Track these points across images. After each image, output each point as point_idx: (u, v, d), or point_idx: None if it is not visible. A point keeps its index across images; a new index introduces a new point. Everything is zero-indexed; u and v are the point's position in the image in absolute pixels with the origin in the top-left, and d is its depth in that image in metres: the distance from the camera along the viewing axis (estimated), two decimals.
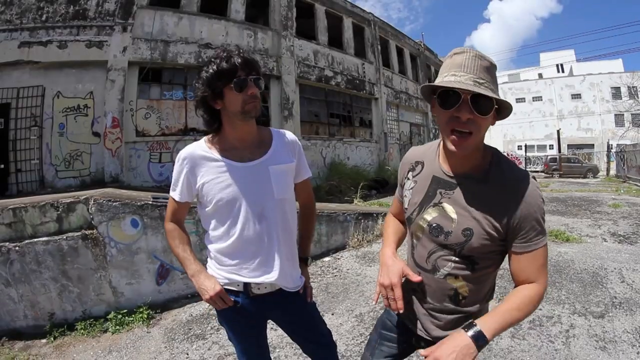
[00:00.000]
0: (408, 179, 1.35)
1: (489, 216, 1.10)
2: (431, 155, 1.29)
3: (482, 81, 1.03)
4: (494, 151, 1.19)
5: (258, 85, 1.45)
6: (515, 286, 1.16)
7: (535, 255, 1.09)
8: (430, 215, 1.21)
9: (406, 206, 1.33)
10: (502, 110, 1.11)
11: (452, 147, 1.09)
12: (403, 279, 1.25)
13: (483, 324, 1.03)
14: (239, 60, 1.40)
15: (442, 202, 1.19)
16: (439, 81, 1.08)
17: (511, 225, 1.09)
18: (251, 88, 1.42)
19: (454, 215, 1.15)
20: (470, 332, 1.02)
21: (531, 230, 1.08)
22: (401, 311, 1.21)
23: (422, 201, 1.25)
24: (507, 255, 1.17)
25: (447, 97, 1.06)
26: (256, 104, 1.45)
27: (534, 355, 2.95)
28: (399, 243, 1.47)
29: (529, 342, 3.14)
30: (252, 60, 1.45)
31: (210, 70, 1.40)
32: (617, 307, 3.71)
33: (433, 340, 1.28)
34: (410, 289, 1.33)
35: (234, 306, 1.53)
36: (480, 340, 1.00)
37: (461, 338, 1.02)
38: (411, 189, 1.31)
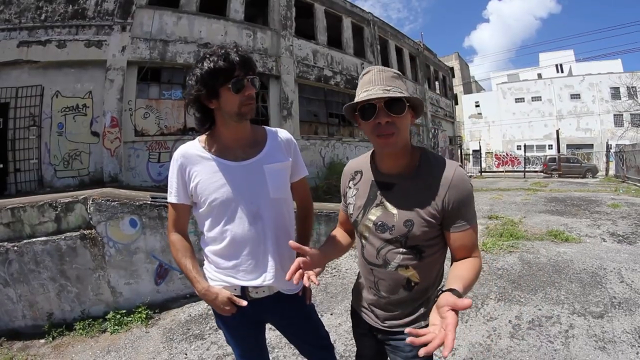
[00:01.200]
0: (350, 187, 1.47)
1: (425, 205, 1.23)
2: (367, 164, 1.43)
3: (389, 88, 1.19)
4: (422, 150, 1.33)
5: (255, 86, 1.43)
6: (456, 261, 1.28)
7: (471, 233, 1.24)
8: (374, 215, 1.33)
9: (351, 212, 1.44)
10: (416, 108, 1.27)
11: (382, 149, 1.27)
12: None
13: (455, 286, 1.08)
14: (237, 59, 1.37)
15: (383, 202, 1.32)
16: (355, 100, 1.24)
17: (446, 209, 1.22)
18: (248, 89, 1.40)
19: (394, 211, 1.28)
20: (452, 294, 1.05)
21: (465, 211, 1.23)
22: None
23: (365, 204, 1.37)
24: (447, 239, 1.29)
25: (366, 110, 1.22)
26: (252, 106, 1.44)
27: (533, 355, 2.95)
28: (330, 249, 1.55)
29: (528, 343, 3.14)
30: (248, 58, 1.42)
31: (206, 68, 1.35)
32: (617, 307, 3.70)
33: (387, 330, 1.41)
34: (367, 287, 1.45)
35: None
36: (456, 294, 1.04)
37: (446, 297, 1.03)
38: (354, 196, 1.43)
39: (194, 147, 1.50)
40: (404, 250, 1.29)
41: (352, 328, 1.64)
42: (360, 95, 1.22)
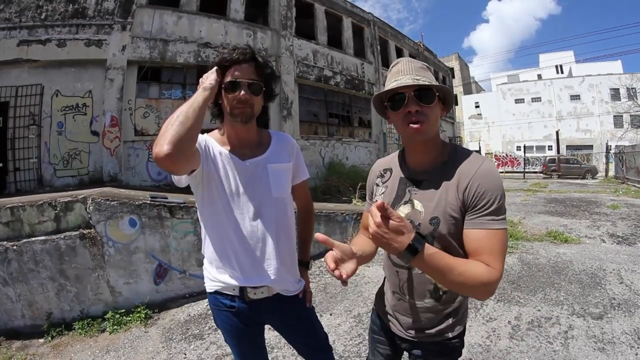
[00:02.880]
0: (378, 185, 1.44)
1: (449, 200, 1.16)
2: (396, 162, 1.39)
3: (419, 77, 1.17)
4: (452, 145, 1.30)
5: (252, 92, 1.42)
6: None
7: (489, 235, 1.08)
8: (402, 212, 1.25)
9: None
10: (447, 100, 1.25)
11: (412, 137, 1.20)
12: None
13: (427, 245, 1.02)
14: (239, 58, 1.40)
15: (411, 199, 1.26)
16: (385, 89, 1.23)
17: (465, 201, 1.13)
18: (241, 93, 1.40)
19: (421, 209, 1.22)
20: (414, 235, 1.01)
21: (487, 206, 1.10)
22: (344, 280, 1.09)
23: (393, 201, 1.32)
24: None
25: (396, 101, 1.19)
26: (244, 110, 1.43)
27: (533, 356, 2.95)
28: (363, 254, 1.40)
29: (527, 343, 3.14)
30: (261, 64, 1.46)
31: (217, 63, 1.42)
32: (616, 308, 3.71)
33: (412, 340, 1.32)
34: (390, 289, 1.39)
35: (230, 310, 1.52)
36: (416, 243, 0.98)
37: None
38: (382, 193, 1.39)
39: (213, 137, 1.54)
40: None
41: (370, 334, 1.57)
42: (390, 85, 1.20)
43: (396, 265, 1.33)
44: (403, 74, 1.19)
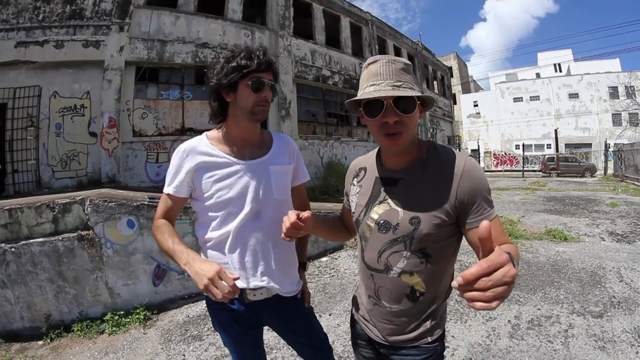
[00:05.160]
0: (353, 184, 1.39)
1: (433, 199, 1.12)
2: (372, 160, 1.34)
3: (399, 83, 1.08)
4: (430, 143, 1.23)
5: (274, 91, 1.47)
6: None
7: (493, 225, 1.02)
8: (376, 213, 1.22)
9: (353, 210, 1.35)
10: (426, 103, 1.17)
11: (388, 149, 1.17)
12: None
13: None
14: (264, 60, 1.42)
15: (386, 199, 1.21)
16: (360, 94, 1.13)
17: (460, 201, 1.09)
18: (266, 91, 1.43)
19: (399, 208, 1.17)
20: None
21: (483, 202, 1.09)
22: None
23: (367, 202, 1.27)
24: (467, 238, 1.14)
25: (372, 107, 1.10)
26: (266, 108, 1.46)
27: (533, 355, 2.94)
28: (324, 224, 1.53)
29: (527, 342, 3.14)
30: (274, 66, 1.48)
31: (233, 62, 1.39)
32: (616, 306, 3.70)
33: (390, 345, 1.28)
34: (367, 295, 1.33)
35: (229, 312, 1.51)
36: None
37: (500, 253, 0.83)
38: (357, 193, 1.34)
39: (202, 143, 1.50)
40: (409, 253, 1.16)
41: (352, 338, 1.52)
42: (366, 90, 1.10)
43: (370, 269, 1.27)
44: (382, 78, 1.09)
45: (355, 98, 1.14)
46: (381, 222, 1.21)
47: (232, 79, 1.39)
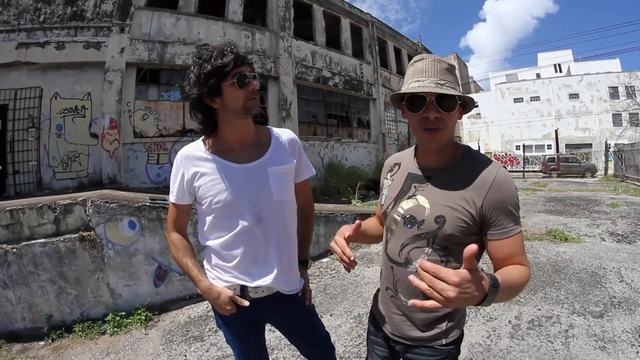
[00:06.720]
0: (386, 178, 1.43)
1: (461, 201, 1.13)
2: (408, 156, 1.37)
3: (443, 82, 1.12)
4: (465, 147, 1.26)
5: (257, 80, 1.44)
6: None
7: (515, 241, 1.11)
8: (403, 207, 1.25)
9: (382, 202, 1.38)
10: (467, 104, 1.22)
11: (426, 143, 1.19)
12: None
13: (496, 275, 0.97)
14: (239, 55, 1.38)
15: (416, 195, 1.23)
16: (405, 88, 1.17)
17: (485, 211, 1.11)
18: (252, 84, 1.40)
19: (426, 205, 1.19)
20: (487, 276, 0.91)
21: (507, 217, 1.10)
22: (351, 269, 1.24)
23: (397, 195, 1.30)
24: (486, 248, 1.16)
25: (415, 102, 1.14)
26: (257, 101, 1.44)
27: (533, 355, 2.95)
28: (366, 231, 1.53)
29: (528, 342, 3.14)
30: (247, 57, 1.44)
31: (208, 67, 1.33)
32: (616, 306, 3.71)
33: (404, 342, 1.29)
34: (384, 287, 1.36)
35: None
36: (493, 281, 0.90)
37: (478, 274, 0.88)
38: (388, 187, 1.38)
39: (197, 149, 1.50)
40: (430, 250, 1.18)
41: (367, 334, 1.53)
42: (411, 85, 1.14)
43: (391, 261, 1.29)
44: (427, 75, 1.13)
45: (400, 92, 1.18)
46: (407, 216, 1.23)
47: (212, 83, 1.34)
